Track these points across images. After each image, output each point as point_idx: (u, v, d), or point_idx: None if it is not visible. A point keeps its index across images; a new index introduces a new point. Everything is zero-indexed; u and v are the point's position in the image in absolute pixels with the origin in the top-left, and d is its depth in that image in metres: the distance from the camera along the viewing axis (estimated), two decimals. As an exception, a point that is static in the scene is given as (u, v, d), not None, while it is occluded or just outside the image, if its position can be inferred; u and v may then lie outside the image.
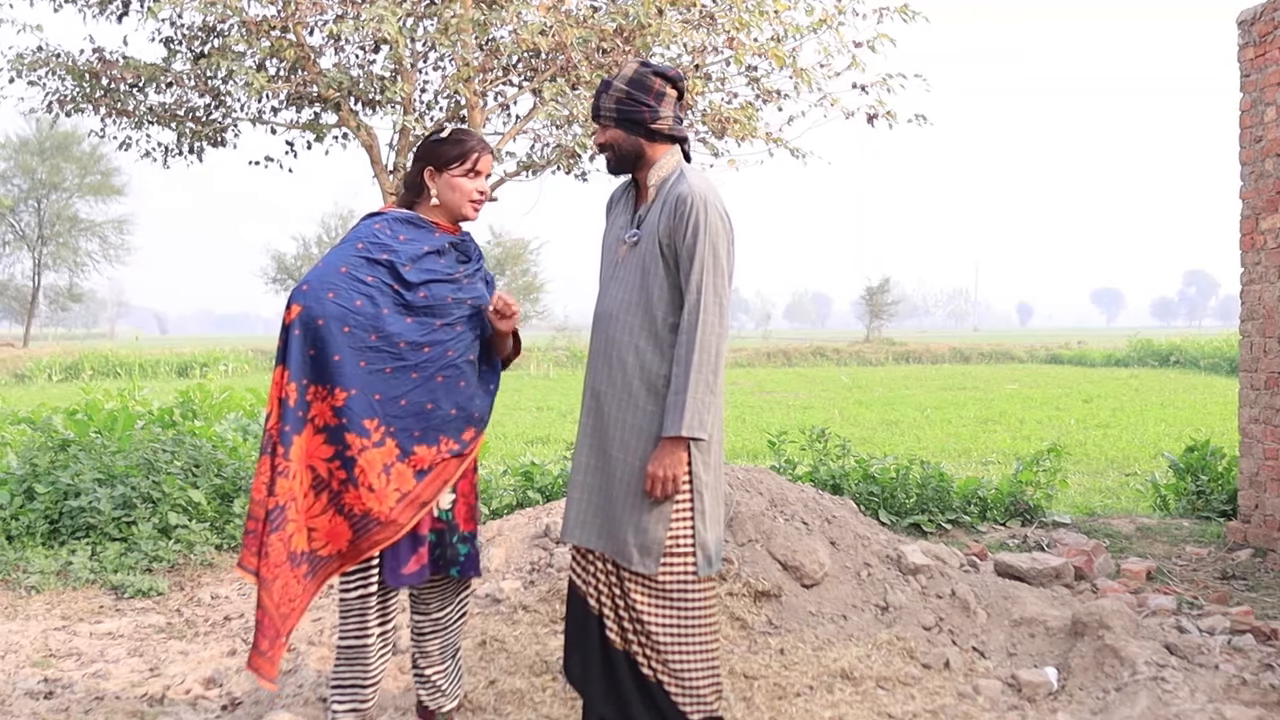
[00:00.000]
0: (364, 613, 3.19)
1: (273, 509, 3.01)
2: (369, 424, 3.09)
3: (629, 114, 3.19)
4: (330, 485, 3.09)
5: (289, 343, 3.06)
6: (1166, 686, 3.69)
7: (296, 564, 3.05)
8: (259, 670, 3.03)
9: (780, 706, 3.72)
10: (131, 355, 32.11)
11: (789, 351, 36.94)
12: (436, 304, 3.19)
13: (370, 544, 3.11)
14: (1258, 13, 6.40)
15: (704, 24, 6.76)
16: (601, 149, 3.28)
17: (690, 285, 3.10)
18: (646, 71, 3.20)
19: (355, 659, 3.20)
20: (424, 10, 6.54)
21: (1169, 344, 33.04)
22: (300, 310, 3.06)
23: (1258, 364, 6.42)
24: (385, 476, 3.11)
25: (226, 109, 7.21)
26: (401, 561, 3.17)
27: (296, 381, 3.05)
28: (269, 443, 3.05)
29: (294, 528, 3.05)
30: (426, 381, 3.17)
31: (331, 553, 3.11)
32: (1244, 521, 6.54)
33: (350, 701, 3.22)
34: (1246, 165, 6.50)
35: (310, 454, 3.08)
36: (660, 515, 3.13)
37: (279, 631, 3.03)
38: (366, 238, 3.18)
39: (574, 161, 7.21)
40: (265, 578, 3.01)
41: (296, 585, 3.06)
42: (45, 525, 6.13)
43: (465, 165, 3.22)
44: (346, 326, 3.07)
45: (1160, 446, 11.68)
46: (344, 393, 3.06)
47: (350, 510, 3.08)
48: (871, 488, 7.20)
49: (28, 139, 41.99)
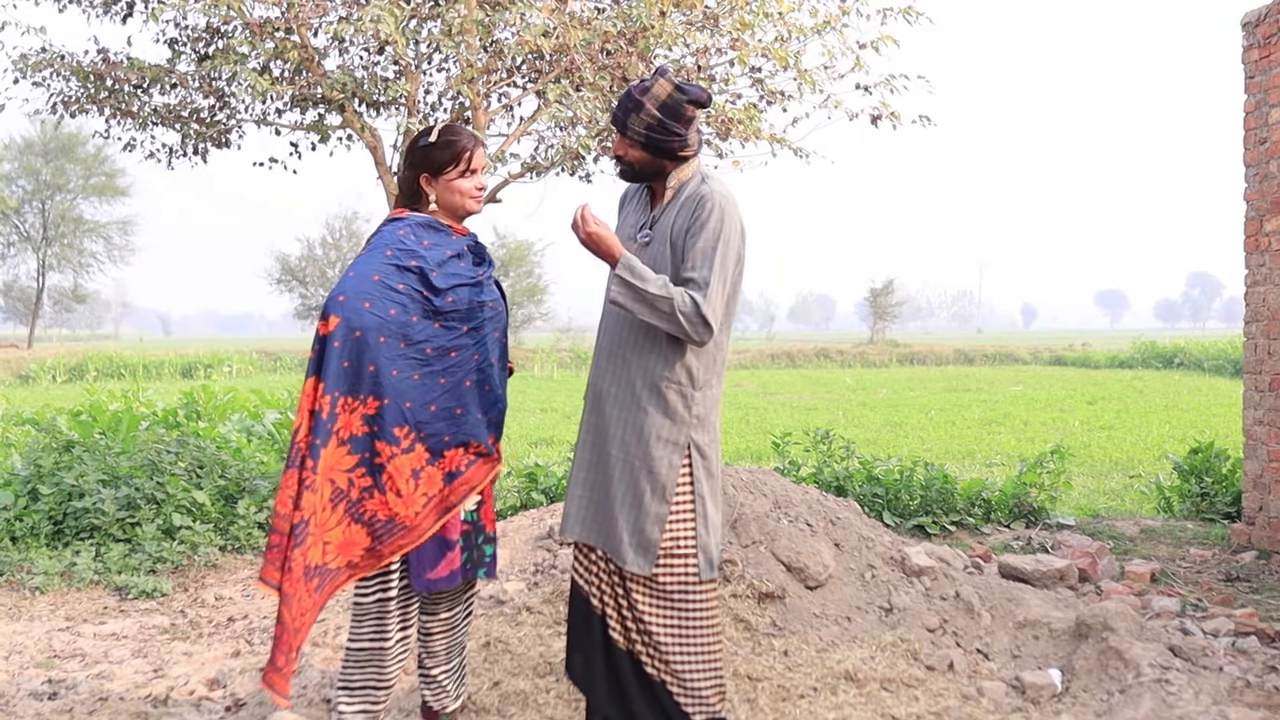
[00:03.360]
0: (382, 617, 3.17)
1: (298, 523, 2.98)
2: (399, 431, 3.07)
3: (658, 142, 3.12)
4: (349, 495, 3.06)
5: (326, 355, 3.02)
6: (1170, 689, 3.68)
7: (309, 578, 3.02)
8: (273, 687, 2.98)
9: (784, 708, 3.72)
10: (136, 356, 32.18)
11: (793, 353, 36.94)
12: (463, 308, 3.17)
13: (393, 548, 3.09)
14: (1262, 14, 6.39)
15: (707, 26, 6.76)
16: (619, 161, 3.23)
17: (688, 263, 3.06)
18: (681, 100, 3.10)
19: (369, 662, 3.19)
20: (428, 12, 6.55)
21: (1173, 346, 33.02)
22: (339, 322, 3.02)
23: (1262, 366, 6.41)
24: (414, 481, 3.09)
25: (231, 110, 7.22)
26: (427, 566, 3.14)
27: (332, 395, 3.01)
28: (298, 456, 3.01)
29: (312, 542, 3.02)
30: (455, 387, 3.16)
31: (341, 564, 3.08)
32: (1248, 523, 6.53)
33: (361, 703, 3.20)
34: (1251, 167, 6.49)
35: (332, 467, 3.05)
36: (656, 517, 3.12)
37: (292, 646, 3.01)
38: (393, 244, 3.15)
39: (578, 163, 7.22)
40: (288, 593, 2.97)
41: (307, 599, 3.03)
42: (49, 526, 6.14)
43: (460, 166, 3.20)
44: (383, 336, 3.05)
45: (1164, 448, 11.66)
46: (377, 402, 3.04)
47: (373, 517, 3.06)
48: (876, 489, 7.19)
49: (32, 140, 42.04)
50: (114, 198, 44.26)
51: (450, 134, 3.20)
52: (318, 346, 3.05)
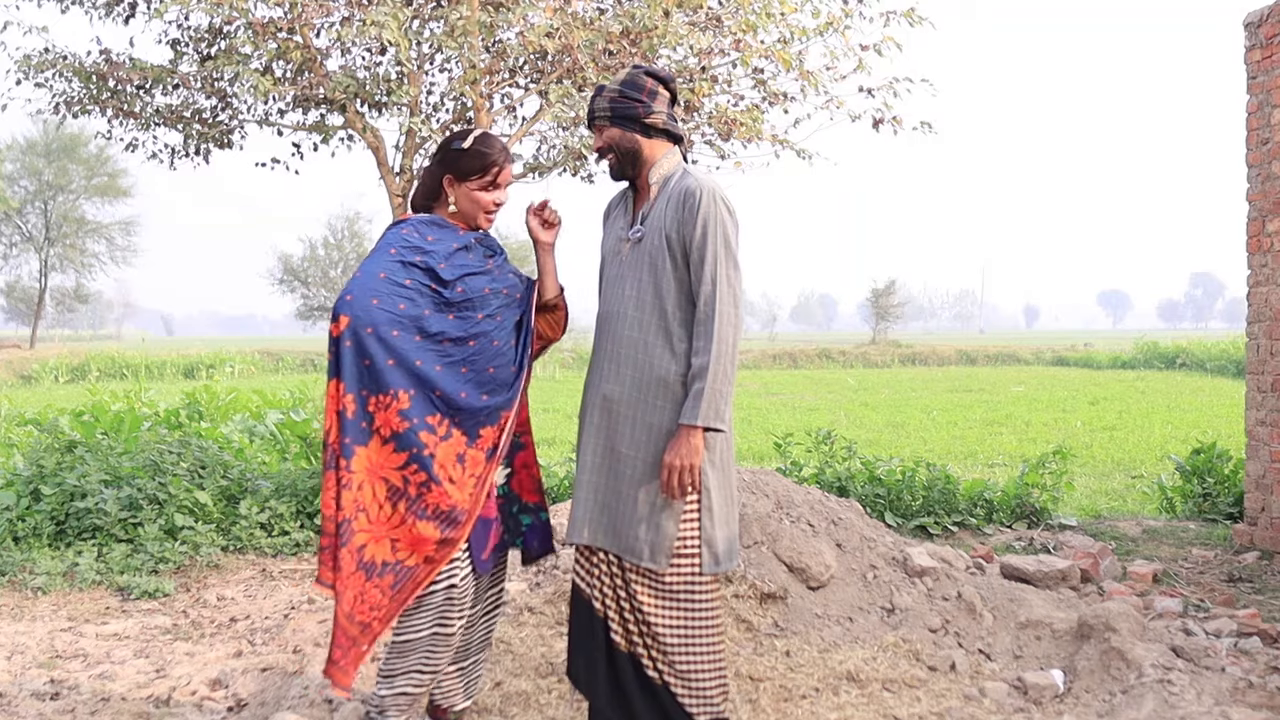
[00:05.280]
0: (450, 604, 3.16)
1: (341, 522, 3.04)
2: (433, 420, 3.10)
3: (622, 110, 3.21)
4: (407, 493, 3.08)
5: (340, 355, 3.05)
6: (1173, 689, 3.68)
7: (380, 575, 3.06)
8: (333, 678, 3.06)
9: (786, 709, 3.72)
10: (138, 356, 32.22)
11: (795, 353, 36.93)
12: (475, 297, 3.20)
13: (461, 534, 3.11)
14: (1264, 15, 6.39)
15: (710, 26, 6.76)
16: (601, 153, 3.30)
17: (704, 277, 3.11)
18: (638, 72, 3.25)
19: (419, 650, 3.15)
20: (430, 13, 6.55)
21: (1175, 346, 32.98)
22: (349, 321, 3.05)
23: (1264, 366, 6.41)
24: (460, 466, 3.13)
25: (233, 111, 7.22)
26: (482, 547, 3.21)
27: (354, 393, 3.05)
28: (331, 457, 3.06)
29: (365, 538, 3.06)
30: (478, 374, 3.18)
31: (418, 560, 3.10)
32: (1250, 524, 6.53)
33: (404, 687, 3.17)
34: (1253, 167, 6.49)
35: (381, 465, 3.07)
36: (672, 512, 3.12)
37: (355, 641, 3.05)
38: (398, 243, 3.18)
39: (580, 163, 7.22)
40: (340, 590, 3.04)
41: (380, 595, 3.07)
42: (52, 526, 6.15)
43: (486, 178, 3.23)
44: (395, 330, 3.07)
45: (1166, 449, 11.66)
46: (406, 394, 3.06)
47: (437, 510, 3.08)
48: (877, 490, 7.20)
49: (35, 140, 42.10)
50: (116, 198, 44.34)
51: (484, 144, 3.23)
52: (333, 348, 3.08)
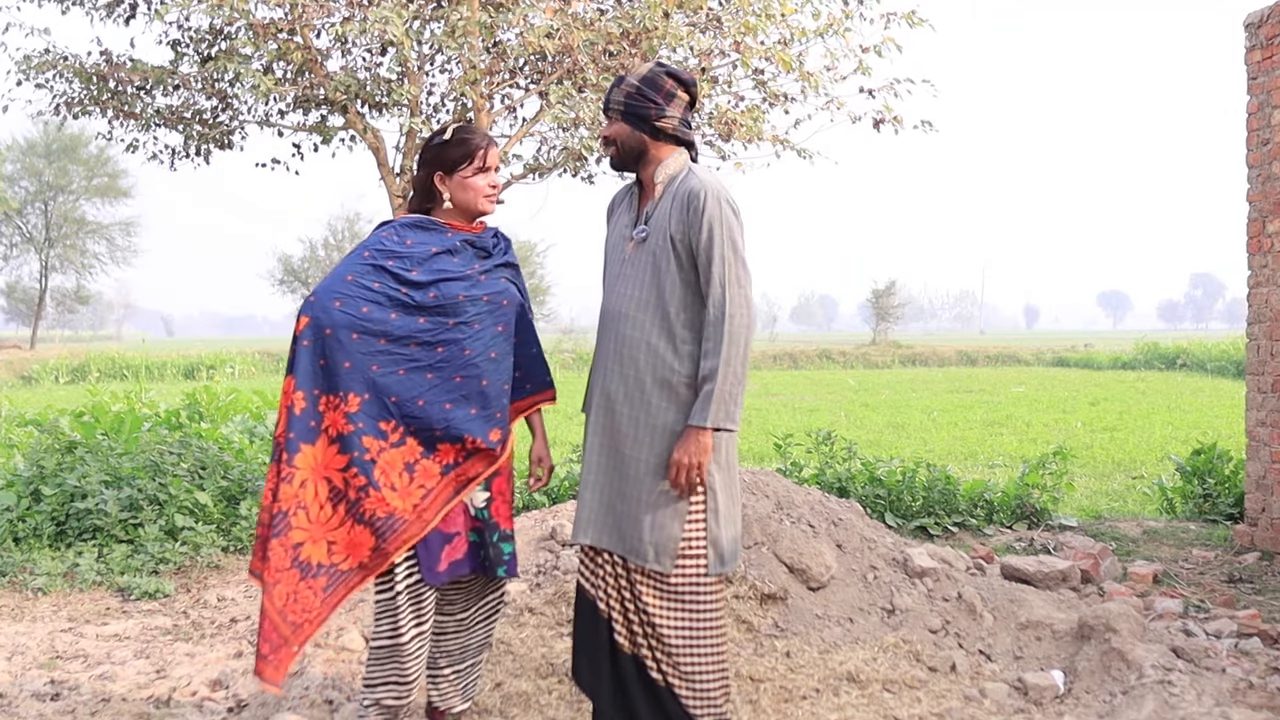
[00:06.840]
0: (395, 613, 3.18)
1: (276, 514, 3.05)
2: (385, 426, 3.12)
3: (635, 109, 3.20)
4: (347, 495, 3.10)
5: (297, 353, 3.11)
6: (1173, 690, 3.68)
7: (313, 575, 3.08)
8: (261, 674, 3.03)
9: (786, 710, 3.72)
10: (138, 357, 32.22)
11: (795, 354, 36.92)
12: (447, 303, 3.19)
13: (398, 543, 3.11)
14: (1265, 15, 6.39)
15: (710, 28, 6.77)
16: (605, 143, 3.30)
17: (713, 280, 3.10)
18: (660, 71, 3.23)
19: (389, 658, 3.20)
20: (431, 13, 6.55)
21: (1176, 347, 32.97)
22: (308, 321, 3.12)
23: (1265, 367, 6.41)
24: (408, 475, 3.13)
25: (233, 112, 7.23)
26: (435, 559, 3.18)
27: (305, 391, 3.09)
28: (276, 450, 3.11)
29: (304, 536, 3.07)
30: (445, 382, 3.18)
31: (353, 565, 3.12)
32: (1251, 524, 6.52)
33: (382, 695, 3.20)
34: (1253, 168, 6.49)
35: (325, 465, 3.11)
36: (677, 512, 3.12)
37: (286, 639, 3.04)
38: (373, 246, 3.22)
39: (580, 164, 7.22)
40: (268, 581, 3.04)
41: (313, 597, 3.07)
42: (52, 527, 6.14)
43: (474, 164, 3.24)
44: (355, 333, 3.11)
45: (1167, 449, 11.65)
46: (357, 398, 3.10)
47: (373, 515, 3.08)
48: (878, 490, 7.19)
49: (35, 141, 42.12)
50: (116, 199, 44.37)
51: (464, 132, 3.27)
52: (293, 346, 3.14)
